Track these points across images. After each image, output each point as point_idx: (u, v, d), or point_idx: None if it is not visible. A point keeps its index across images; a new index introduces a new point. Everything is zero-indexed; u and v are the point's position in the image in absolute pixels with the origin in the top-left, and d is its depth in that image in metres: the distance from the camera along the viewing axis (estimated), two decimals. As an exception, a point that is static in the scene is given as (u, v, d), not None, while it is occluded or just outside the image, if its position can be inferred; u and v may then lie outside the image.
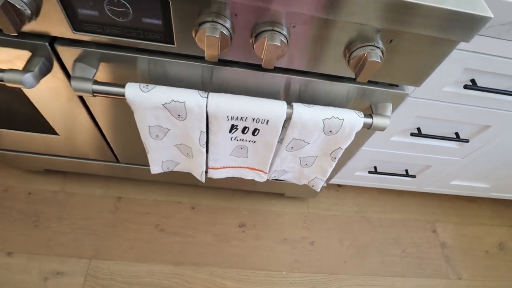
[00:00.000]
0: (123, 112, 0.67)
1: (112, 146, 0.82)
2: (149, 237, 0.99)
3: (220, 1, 0.42)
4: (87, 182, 1.06)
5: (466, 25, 0.42)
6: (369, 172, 0.98)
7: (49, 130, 0.77)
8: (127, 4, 0.43)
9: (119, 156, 0.87)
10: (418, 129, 0.78)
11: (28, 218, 0.97)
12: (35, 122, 0.74)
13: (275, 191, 1.07)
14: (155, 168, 0.72)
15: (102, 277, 0.91)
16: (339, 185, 1.23)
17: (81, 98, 0.64)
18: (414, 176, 1.00)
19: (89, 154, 0.88)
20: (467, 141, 0.79)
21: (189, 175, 0.98)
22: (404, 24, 0.43)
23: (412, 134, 0.77)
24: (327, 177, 0.74)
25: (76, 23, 0.46)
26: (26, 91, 0.63)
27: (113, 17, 0.45)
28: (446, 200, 1.28)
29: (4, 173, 1.03)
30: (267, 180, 0.83)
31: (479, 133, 0.78)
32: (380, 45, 0.46)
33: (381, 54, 0.46)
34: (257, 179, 0.77)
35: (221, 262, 0.98)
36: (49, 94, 0.63)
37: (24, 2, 0.42)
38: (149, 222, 1.02)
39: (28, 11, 0.43)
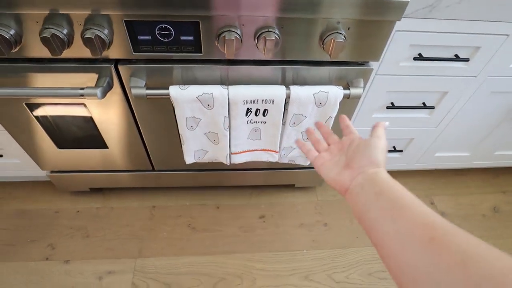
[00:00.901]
0: (162, 118, 0.87)
1: (149, 152, 1.01)
2: (183, 235, 1.14)
3: (232, 16, 0.64)
4: (124, 196, 1.23)
5: (394, 9, 0.64)
6: (363, 152, 1.15)
7: (101, 144, 0.96)
8: (171, 28, 0.65)
9: (155, 162, 1.06)
10: (392, 103, 0.97)
11: (78, 232, 1.12)
12: (90, 138, 0.93)
13: (286, 182, 1.24)
14: (189, 158, 0.90)
15: (148, 271, 1.04)
16: (341, 175, 1.39)
17: (130, 108, 0.84)
18: (401, 151, 1.17)
19: (129, 164, 1.06)
20: (432, 107, 0.98)
21: (211, 177, 1.16)
22: (354, 14, 0.65)
23: (388, 108, 0.97)
24: (326, 148, 0.92)
25: (135, 46, 0.68)
26: (90, 108, 0.83)
27: (160, 38, 0.67)
28: (438, 176, 1.44)
29: (55, 198, 1.21)
30: (278, 163, 1.00)
31: (441, 100, 0.98)
32: (342, 31, 0.68)
33: (343, 37, 0.67)
34: (270, 159, 0.95)
35: (249, 248, 1.12)
36: (107, 107, 0.83)
37: (105, 34, 0.64)
38: (181, 223, 1.17)
39: (107, 40, 0.65)
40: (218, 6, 0.62)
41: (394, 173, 1.40)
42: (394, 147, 1.17)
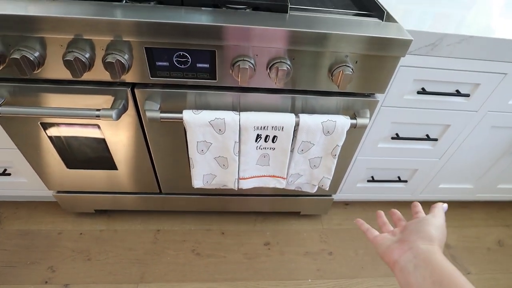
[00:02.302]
0: (173, 141, 0.89)
1: (158, 175, 1.02)
2: (186, 260, 1.12)
3: (246, 46, 0.68)
4: (128, 219, 1.22)
5: (399, 46, 0.68)
6: (368, 181, 1.17)
7: (110, 165, 0.97)
8: (188, 56, 0.69)
9: (162, 185, 1.06)
10: (397, 134, 1.00)
11: (80, 254, 1.11)
12: (101, 159, 0.95)
13: (292, 209, 1.24)
14: (197, 182, 0.91)
15: (149, 298, 1.02)
16: (346, 203, 1.39)
17: (142, 130, 0.87)
18: (406, 181, 1.18)
19: (137, 187, 1.07)
20: (436, 140, 1.00)
21: (216, 202, 1.16)
22: (361, 50, 0.69)
23: (393, 138, 0.99)
24: (332, 175, 0.93)
25: (153, 72, 0.72)
26: (104, 129, 0.86)
27: (177, 65, 0.71)
28: (443, 208, 1.43)
29: (59, 218, 1.20)
30: (283, 189, 1.00)
31: (444, 132, 1.00)
32: (350, 64, 0.71)
33: (351, 70, 0.71)
34: (278, 185, 0.95)
35: (253, 276, 1.10)
36: (120, 129, 0.86)
37: (125, 59, 0.68)
38: (185, 248, 1.15)
39: (127, 65, 0.68)
40: (234, 37, 0.66)
41: (399, 204, 1.41)
42: (398, 177, 1.18)
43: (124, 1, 0.70)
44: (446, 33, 0.76)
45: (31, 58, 0.66)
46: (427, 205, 1.47)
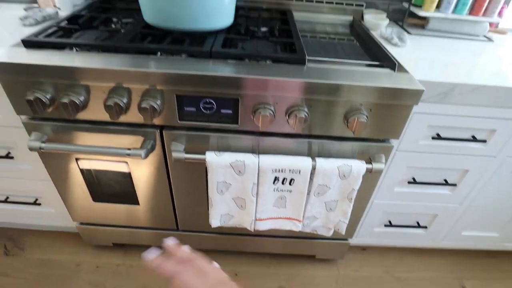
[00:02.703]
0: (194, 180, 0.94)
1: (177, 212, 1.05)
2: (199, 301, 1.11)
3: (267, 95, 0.74)
4: (145, 255, 1.24)
5: (411, 95, 0.72)
6: (385, 225, 1.15)
7: (133, 200, 1.02)
8: (214, 102, 0.76)
9: (180, 222, 1.09)
10: (414, 178, 1.00)
11: (96, 288, 1.12)
12: (125, 194, 1.00)
13: (307, 252, 1.22)
14: (215, 221, 0.94)
15: (160, 338, 1.00)
16: (363, 248, 1.36)
17: (166, 168, 0.92)
18: (425, 227, 1.16)
19: (155, 222, 1.10)
20: (454, 185, 1.00)
21: (231, 241, 1.17)
22: (375, 99, 0.73)
23: (409, 183, 1.00)
24: (348, 219, 0.93)
25: (181, 116, 0.78)
26: (131, 165, 0.92)
27: (204, 110, 0.77)
28: (469, 257, 1.37)
29: (78, 250, 1.24)
30: (300, 232, 1.01)
31: (463, 178, 1.00)
32: (364, 112, 0.76)
33: (366, 117, 0.75)
34: (293, 228, 0.96)
35: (266, 321, 1.06)
36: (146, 166, 0.91)
37: (158, 105, 0.75)
38: (199, 288, 1.14)
39: (159, 110, 0.75)
40: (256, 87, 0.72)
41: (419, 251, 1.36)
42: (417, 222, 1.16)
43: (159, 53, 0.79)
44: (457, 82, 0.79)
45: (77, 102, 0.74)
46: (449, 253, 1.41)
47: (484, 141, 0.90)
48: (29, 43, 0.78)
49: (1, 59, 0.71)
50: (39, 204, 1.11)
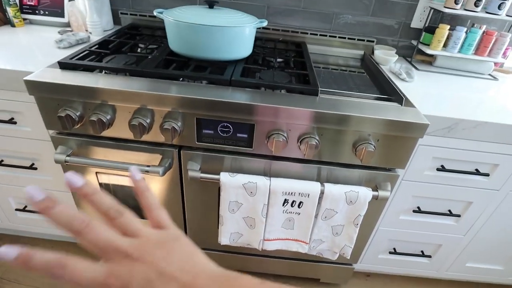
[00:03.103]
0: (207, 199, 0.98)
1: (187, 229, 1.08)
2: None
3: (281, 123, 0.79)
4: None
5: (416, 129, 0.77)
6: (390, 252, 1.16)
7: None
8: (231, 127, 0.81)
9: (189, 238, 1.12)
10: (418, 207, 1.03)
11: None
12: (139, 208, 1.04)
13: (311, 276, 1.23)
14: (224, 239, 0.97)
15: None
16: (367, 275, 1.36)
17: (181, 186, 0.96)
18: (429, 256, 1.17)
19: (165, 238, 1.13)
20: (458, 216, 1.02)
21: (237, 261, 1.19)
22: (382, 130, 0.78)
23: (414, 211, 1.02)
24: (353, 243, 0.96)
25: (199, 137, 0.84)
26: (148, 182, 0.96)
27: (221, 133, 0.82)
28: (472, 290, 1.36)
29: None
30: (304, 254, 1.03)
31: (467, 209, 1.03)
32: (372, 142, 0.80)
33: (373, 147, 0.79)
34: (300, 250, 0.99)
35: None
36: (161, 183, 0.96)
37: (179, 126, 0.80)
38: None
39: (179, 131, 0.81)
40: (271, 115, 0.78)
41: (423, 280, 1.36)
42: (422, 251, 1.17)
43: (181, 79, 0.86)
44: (461, 118, 0.84)
45: (104, 121, 0.80)
46: (453, 284, 1.40)
47: (487, 174, 0.93)
48: (64, 65, 0.85)
49: (39, 79, 0.78)
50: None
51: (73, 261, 0.24)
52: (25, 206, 1.16)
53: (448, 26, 1.13)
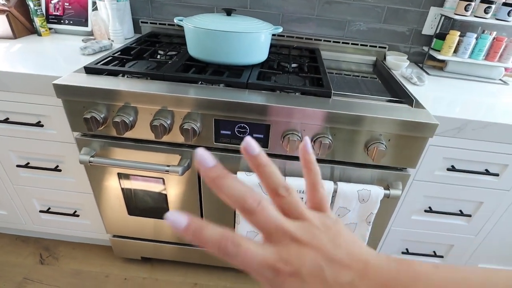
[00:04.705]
0: (221, 197, 1.01)
1: (203, 228, 1.12)
2: (218, 317, 1.14)
3: (296, 123, 0.83)
4: (169, 270, 1.30)
5: (427, 129, 0.80)
6: (402, 253, 1.18)
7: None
8: (247, 127, 0.85)
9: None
10: (430, 207, 1.05)
11: (121, 299, 1.18)
12: (157, 208, 1.08)
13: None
14: (240, 237, 1.00)
15: None
16: (379, 276, 1.37)
17: (199, 186, 1.00)
18: (442, 257, 1.18)
19: (182, 236, 1.16)
20: (469, 216, 1.04)
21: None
22: (394, 130, 0.81)
23: (426, 211, 1.04)
24: (366, 242, 0.98)
25: (217, 138, 0.88)
26: (167, 181, 1.00)
27: (238, 134, 0.86)
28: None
29: (107, 262, 1.30)
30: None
31: (478, 209, 1.04)
32: (384, 142, 0.83)
33: (385, 147, 0.82)
34: (313, 248, 1.01)
35: None
36: (180, 183, 1.00)
37: (198, 127, 0.85)
38: (218, 304, 1.18)
39: (198, 131, 0.85)
40: (286, 116, 0.81)
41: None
42: (434, 251, 1.18)
43: (200, 82, 0.90)
44: (470, 119, 0.86)
45: (127, 122, 0.85)
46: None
47: (497, 174, 0.95)
48: (89, 70, 0.91)
49: (67, 82, 0.83)
50: (78, 216, 1.20)
51: (245, 240, 0.22)
52: (49, 208, 1.21)
53: (459, 33, 1.16)
